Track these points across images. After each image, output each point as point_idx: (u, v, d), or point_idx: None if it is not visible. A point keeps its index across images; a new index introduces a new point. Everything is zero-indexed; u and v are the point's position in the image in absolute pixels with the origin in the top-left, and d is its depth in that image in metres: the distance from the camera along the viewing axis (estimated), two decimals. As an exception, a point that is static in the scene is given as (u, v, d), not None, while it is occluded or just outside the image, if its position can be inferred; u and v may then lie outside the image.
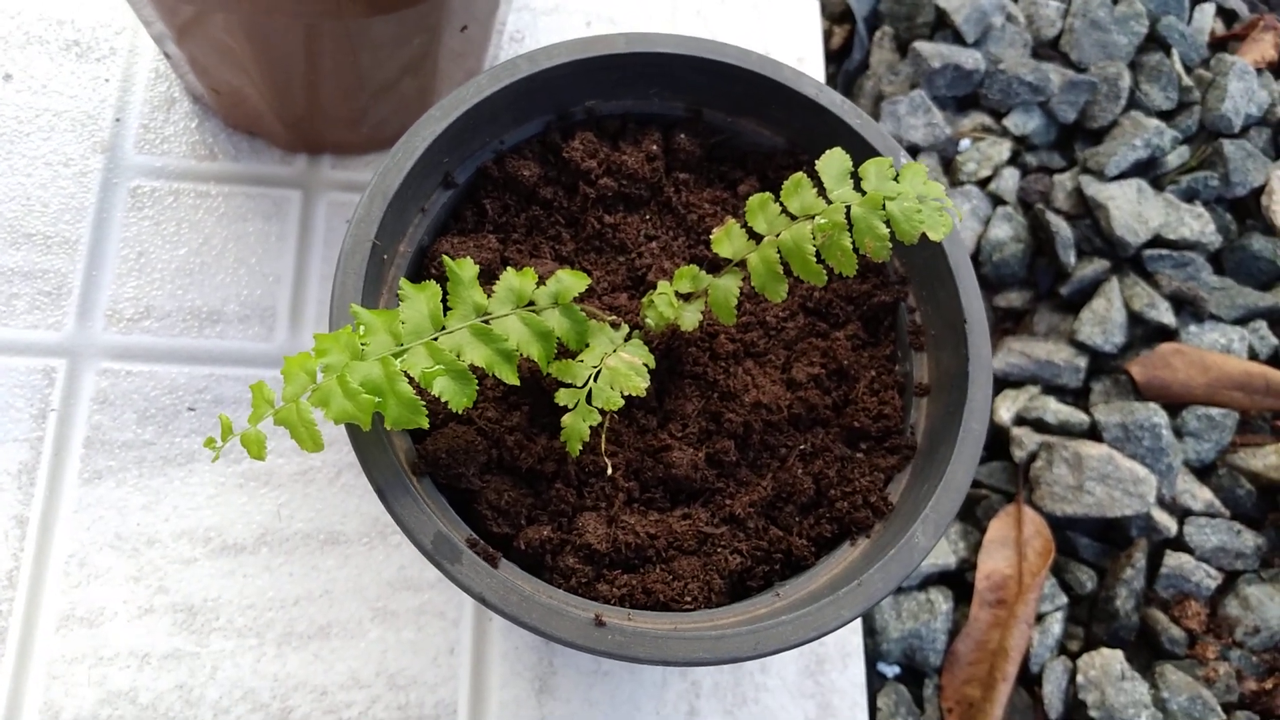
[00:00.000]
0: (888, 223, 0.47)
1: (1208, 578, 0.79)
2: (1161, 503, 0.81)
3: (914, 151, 0.90)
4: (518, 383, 0.47)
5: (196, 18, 0.63)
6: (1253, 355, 0.88)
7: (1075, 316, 0.86)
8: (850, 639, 0.73)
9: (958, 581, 0.80)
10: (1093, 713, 0.75)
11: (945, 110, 0.92)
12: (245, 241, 0.74)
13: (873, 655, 0.78)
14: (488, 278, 0.54)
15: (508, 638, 0.69)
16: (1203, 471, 0.85)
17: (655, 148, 0.59)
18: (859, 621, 0.73)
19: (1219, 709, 0.76)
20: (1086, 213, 0.88)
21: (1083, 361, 0.85)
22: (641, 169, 0.58)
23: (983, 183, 0.91)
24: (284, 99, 0.70)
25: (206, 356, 0.72)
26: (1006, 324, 0.90)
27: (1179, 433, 0.84)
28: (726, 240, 0.51)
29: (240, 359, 0.72)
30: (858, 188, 0.48)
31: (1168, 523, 0.80)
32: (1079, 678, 0.76)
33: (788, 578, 0.54)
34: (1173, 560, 0.79)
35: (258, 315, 0.73)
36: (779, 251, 0.49)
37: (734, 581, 0.53)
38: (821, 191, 0.48)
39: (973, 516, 0.82)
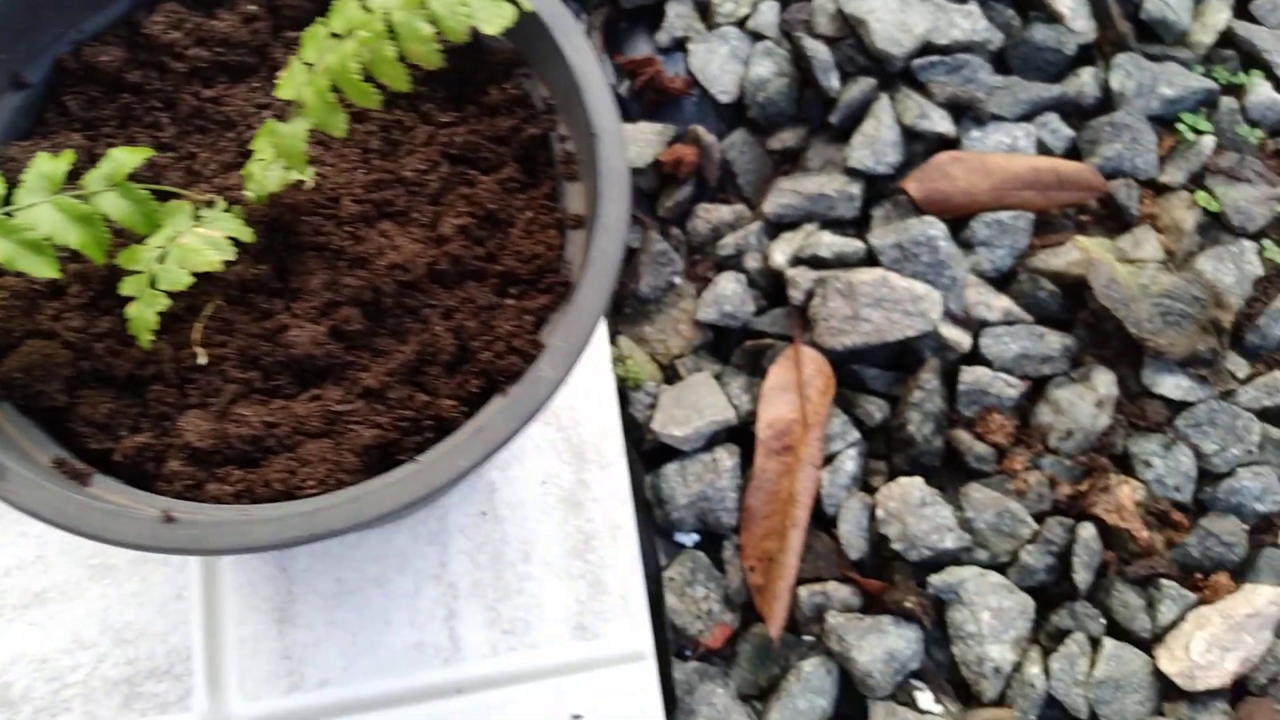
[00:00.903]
0: (433, 23, 0.41)
1: (1008, 387, 0.75)
2: (952, 319, 0.77)
3: (661, 0, 0.84)
4: (56, 274, 0.42)
5: None
6: (1045, 151, 0.82)
7: (848, 144, 0.80)
8: (620, 512, 0.68)
9: (744, 437, 0.75)
10: (895, 545, 0.71)
11: (685, -54, 0.85)
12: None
13: (665, 526, 0.74)
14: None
15: (240, 572, 0.64)
16: (1003, 280, 0.80)
17: (254, 8, 0.53)
18: (627, 493, 0.69)
19: (1029, 519, 0.72)
20: (849, 32, 0.82)
21: (857, 189, 0.79)
22: (238, 33, 0.53)
23: (741, 22, 0.85)
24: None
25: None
26: (785, 166, 0.84)
27: (968, 244, 0.79)
28: (289, 82, 0.45)
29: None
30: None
31: (960, 338, 0.76)
32: (878, 512, 0.72)
33: (440, 443, 0.49)
34: (969, 375, 0.75)
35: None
36: (330, 80, 0.43)
37: (377, 457, 0.48)
38: (365, 5, 0.42)
39: (759, 368, 0.77)
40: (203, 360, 0.47)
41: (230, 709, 0.61)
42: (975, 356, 0.76)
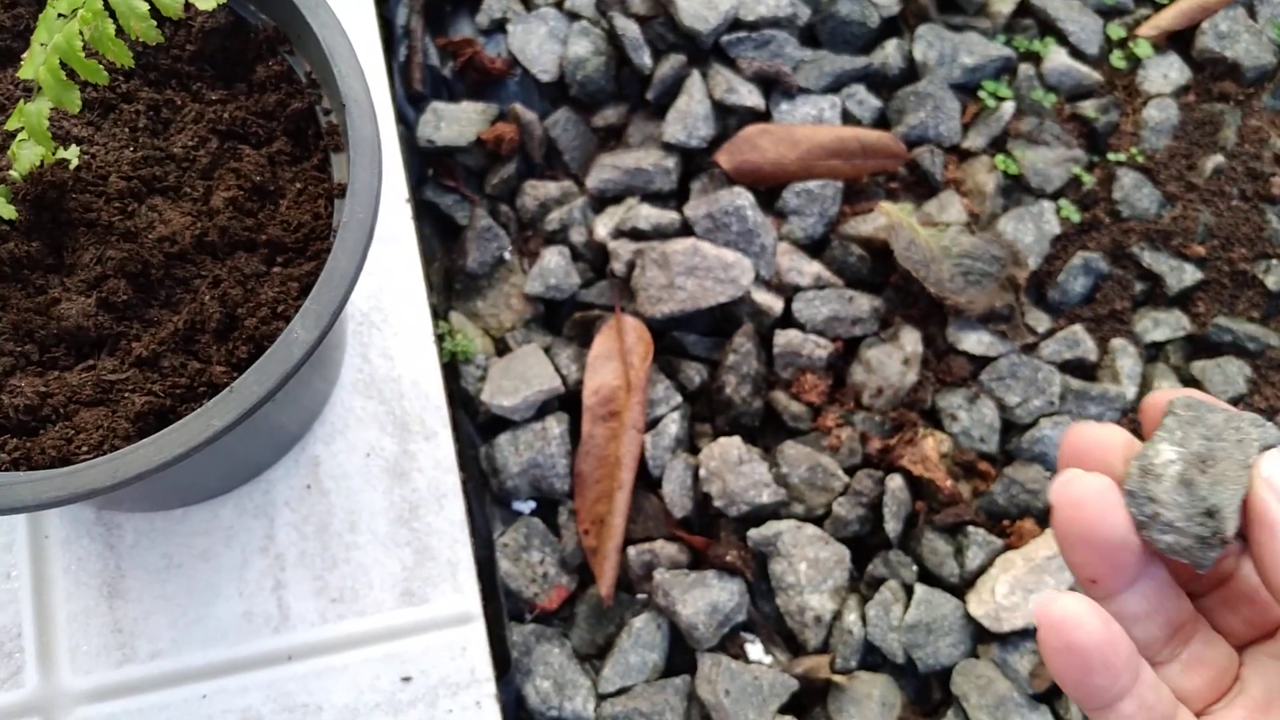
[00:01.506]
0: (150, 1, 0.43)
1: (819, 349, 0.78)
2: (766, 285, 0.80)
3: (475, -17, 0.87)
4: None
5: None
6: (854, 120, 0.86)
7: (665, 120, 0.84)
8: (444, 479, 0.71)
9: (574, 405, 0.78)
10: (718, 502, 0.74)
11: (501, -65, 0.89)
12: None
13: (502, 495, 0.76)
14: None
15: (69, 550, 0.66)
16: (816, 247, 0.84)
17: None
18: (452, 462, 0.71)
19: (841, 472, 0.76)
20: (660, 11, 0.86)
21: (672, 162, 0.82)
22: None
23: (559, 3, 0.88)
24: None
25: None
26: (610, 143, 0.87)
27: (781, 213, 0.83)
28: (30, 63, 0.47)
29: None
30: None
31: (772, 303, 0.79)
32: (701, 471, 0.75)
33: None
34: (782, 338, 0.78)
35: None
36: (60, 58, 0.45)
37: (152, 423, 0.50)
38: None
39: (586, 338, 0.80)
40: (-33, 334, 0.48)
41: (62, 683, 0.62)
42: (789, 321, 0.80)
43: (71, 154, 0.51)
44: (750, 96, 0.83)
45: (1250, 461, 0.32)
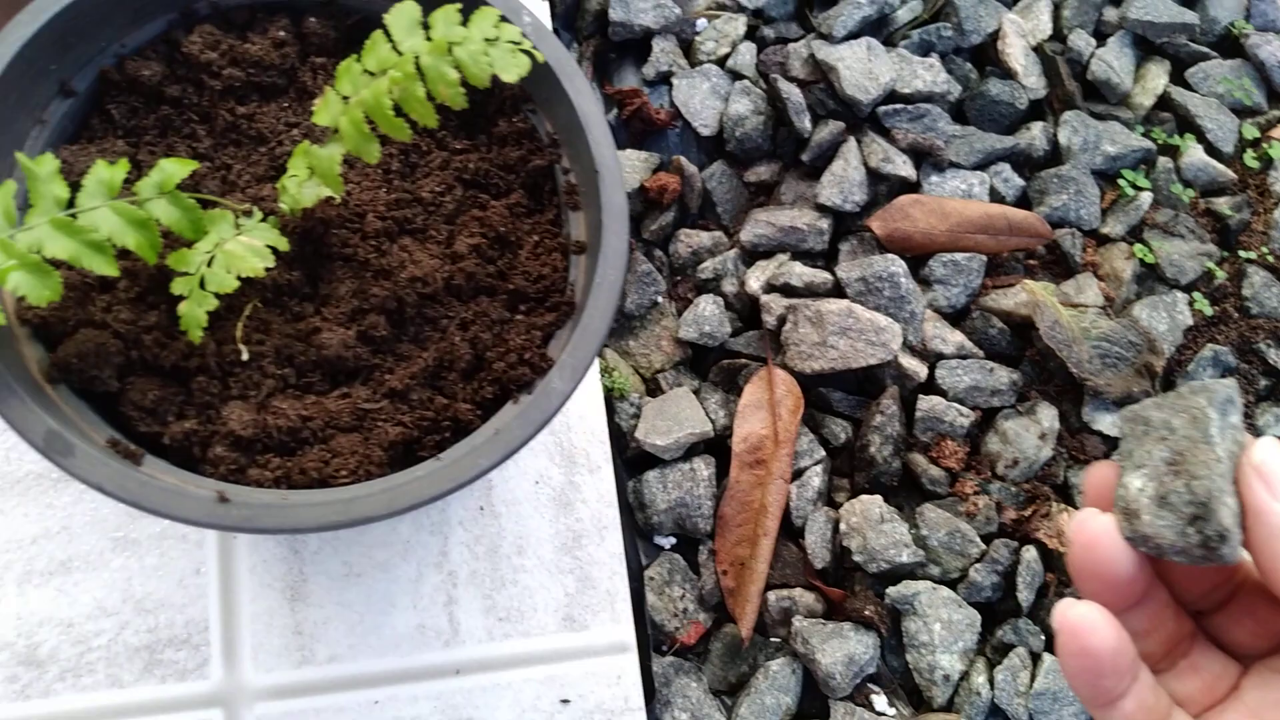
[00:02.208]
0: (458, 68, 0.47)
1: (960, 416, 0.82)
2: (911, 350, 0.84)
3: (648, 35, 0.90)
4: (115, 273, 0.47)
5: None
6: (998, 198, 0.90)
7: (819, 181, 0.87)
8: (606, 513, 0.74)
9: (721, 449, 0.81)
10: (856, 557, 0.77)
11: (678, -8, 0.93)
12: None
13: (646, 529, 0.80)
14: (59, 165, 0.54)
15: (255, 552, 0.69)
16: (957, 316, 0.87)
17: (284, 34, 0.59)
18: (614, 496, 0.75)
19: (978, 539, 0.79)
20: (820, 77, 0.89)
21: (826, 224, 0.86)
22: (269, 56, 0.58)
23: (721, 61, 0.91)
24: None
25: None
26: (760, 198, 0.91)
27: (926, 281, 0.86)
28: (325, 109, 0.51)
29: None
30: (428, 37, 0.48)
31: (918, 368, 0.82)
32: (842, 526, 0.78)
33: (458, 444, 0.54)
34: (925, 403, 0.82)
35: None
36: (365, 112, 0.49)
37: (401, 453, 0.53)
38: (395, 46, 0.48)
39: (734, 386, 0.83)
40: (245, 356, 0.52)
41: (244, 679, 0.66)
42: (931, 386, 0.83)
43: (340, 193, 0.55)
44: (904, 167, 0.87)
45: (1212, 434, 0.33)
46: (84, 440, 0.48)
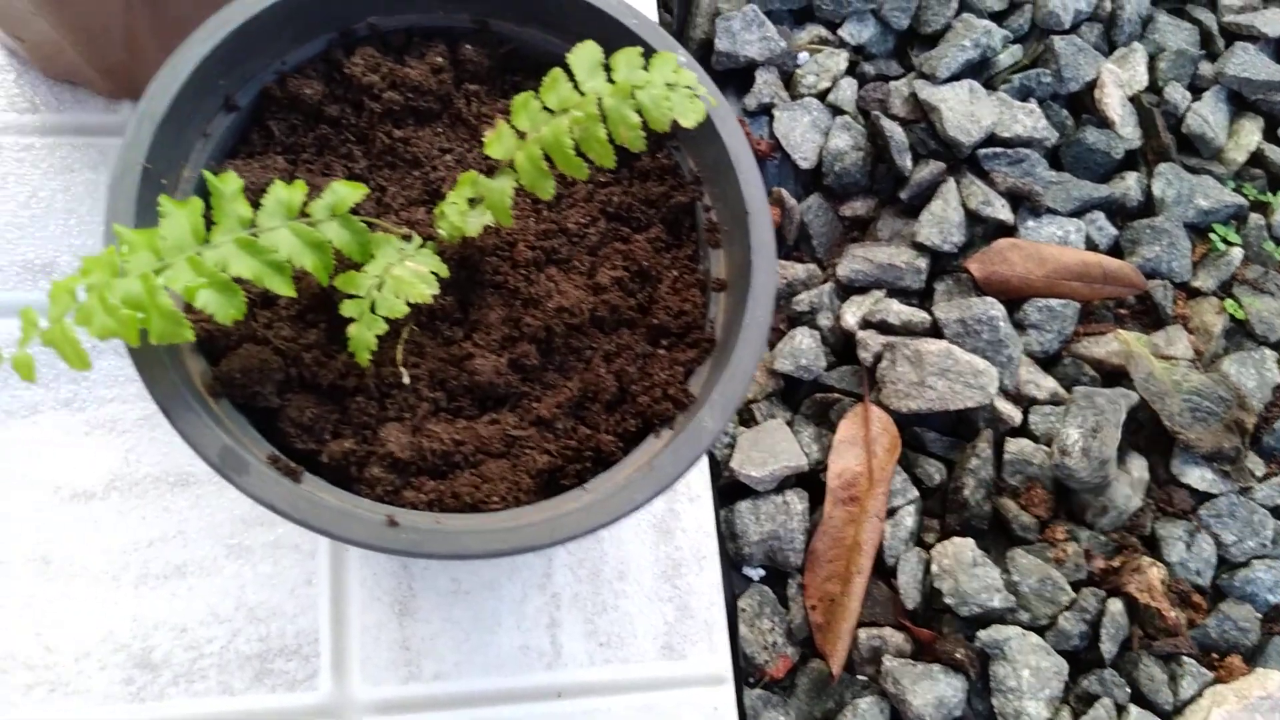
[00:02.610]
0: (639, 112, 0.48)
1: (1050, 462, 0.82)
2: (1005, 394, 0.84)
3: (752, 67, 0.91)
4: (293, 293, 0.48)
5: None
6: (1091, 246, 0.91)
7: (916, 220, 0.88)
8: (705, 543, 0.75)
9: (813, 483, 0.82)
10: (948, 599, 0.78)
11: (781, 24, 0.93)
12: (74, 192, 0.74)
13: (736, 559, 0.80)
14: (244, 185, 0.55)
15: (365, 565, 0.70)
16: (1047, 362, 0.88)
17: (441, 60, 0.60)
18: (712, 526, 0.75)
19: (1068, 587, 0.79)
20: (922, 116, 0.90)
21: (923, 263, 0.87)
22: (427, 81, 0.59)
23: (822, 95, 0.92)
24: (92, 46, 0.69)
25: (42, 309, 0.71)
26: (854, 233, 0.92)
27: (1021, 325, 0.87)
28: (497, 142, 0.52)
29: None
30: (609, 79, 0.49)
31: (1012, 412, 0.83)
32: (933, 567, 0.79)
33: (599, 473, 0.55)
34: (1014, 447, 0.82)
35: (90, 268, 0.73)
36: (542, 148, 0.50)
37: (545, 481, 0.54)
38: (576, 85, 0.49)
39: (826, 420, 0.84)
40: (406, 380, 0.53)
41: (353, 692, 0.67)
42: (1024, 430, 0.84)
43: (509, 223, 0.56)
44: (1002, 210, 0.88)
45: None
46: (251, 457, 0.49)
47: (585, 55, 0.49)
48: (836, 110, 0.92)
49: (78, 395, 0.70)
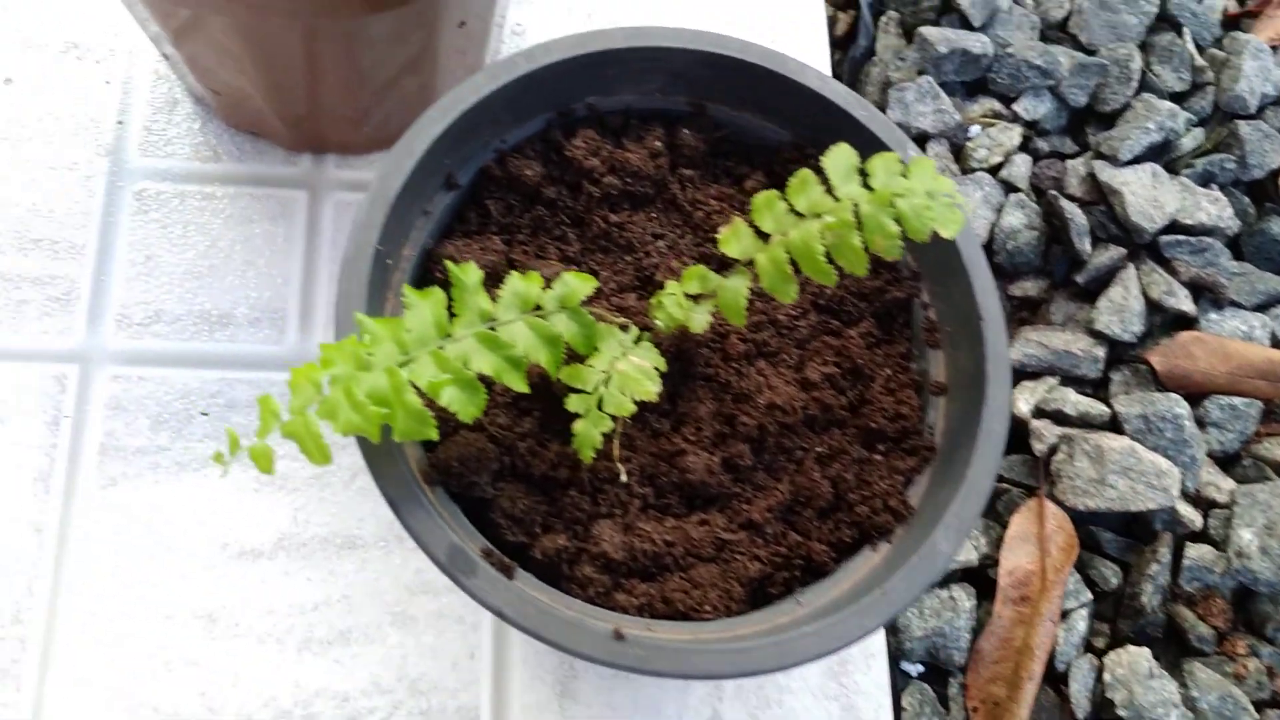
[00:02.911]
0: (898, 220, 0.46)
1: (1231, 568, 0.78)
2: (1185, 495, 0.80)
3: (923, 139, 0.89)
4: (528, 390, 0.47)
5: (192, 20, 0.62)
6: (1275, 343, 0.86)
7: (1092, 305, 0.85)
8: (874, 640, 0.72)
9: (980, 578, 0.79)
10: (1121, 712, 0.74)
11: (954, 96, 0.91)
12: (253, 243, 0.74)
13: (895, 654, 0.77)
14: (493, 280, 0.53)
15: (528, 642, 0.68)
16: (1226, 462, 0.83)
17: (659, 144, 0.58)
18: (878, 619, 0.72)
19: (1251, 708, 0.75)
20: (1100, 199, 0.87)
21: (1101, 351, 0.83)
22: (646, 166, 0.57)
23: (994, 169, 0.89)
24: (284, 99, 0.69)
25: (218, 360, 0.71)
26: (1022, 313, 0.88)
27: (1201, 423, 0.83)
28: (734, 240, 0.50)
29: (252, 362, 0.71)
30: (865, 184, 0.47)
31: (1193, 516, 0.79)
32: (1106, 676, 0.75)
33: (808, 584, 0.53)
34: (1194, 552, 0.78)
35: (268, 317, 0.72)
36: (787, 251, 0.48)
37: (754, 589, 0.52)
38: (829, 189, 0.47)
39: (994, 511, 0.80)
40: (624, 477, 0.51)
41: (517, 776, 0.65)
42: (1203, 535, 0.79)
43: (742, 322, 0.53)
44: (1184, 301, 0.84)
45: None
46: (472, 553, 0.47)
47: (840, 158, 0.46)
48: (1009, 187, 0.88)
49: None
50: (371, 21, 0.58)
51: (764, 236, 0.49)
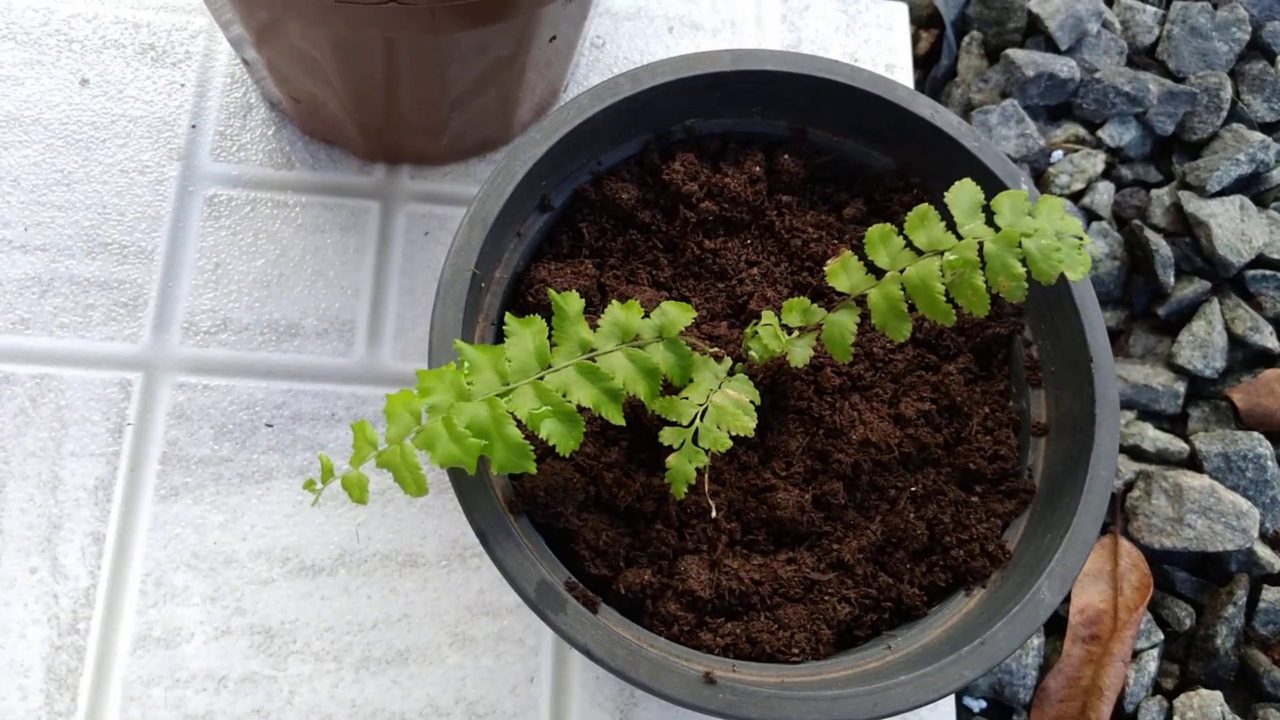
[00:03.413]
0: (1023, 261, 0.44)
1: (1312, 616, 0.76)
2: (1264, 537, 0.78)
3: (1005, 163, 0.87)
4: (623, 423, 0.45)
5: (276, 23, 0.61)
6: (1360, 382, 0.84)
7: (1173, 339, 0.82)
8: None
9: (1050, 615, 0.76)
10: (1191, 756, 0.72)
11: (1037, 120, 0.88)
12: (323, 253, 0.72)
13: (959, 690, 0.75)
14: (584, 305, 0.52)
15: (588, 667, 0.67)
16: (1306, 504, 0.81)
17: (758, 169, 0.56)
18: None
19: (1326, 757, 0.73)
20: (1185, 230, 0.84)
21: (1181, 386, 0.81)
22: (744, 191, 0.56)
23: (1075, 196, 0.87)
24: (364, 108, 0.68)
25: (284, 371, 0.70)
26: (1098, 344, 0.86)
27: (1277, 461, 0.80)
28: (843, 273, 0.48)
29: (319, 374, 0.70)
30: (989, 221, 0.45)
31: (1271, 558, 0.77)
32: (1176, 718, 0.73)
33: (896, 627, 0.51)
34: (1271, 594, 0.76)
35: (336, 329, 0.71)
36: (903, 288, 0.46)
37: (841, 630, 0.50)
38: (950, 225, 0.45)
39: (1064, 546, 0.78)
40: (714, 514, 0.49)
41: (578, 807, 0.63)
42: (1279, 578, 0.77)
43: (847, 359, 0.52)
44: (1270, 338, 0.82)
45: None
46: (547, 582, 0.45)
47: (965, 194, 0.45)
48: (1091, 215, 0.86)
49: (312, 464, 0.68)
50: (464, 36, 0.56)
51: (876, 271, 0.47)
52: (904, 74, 0.84)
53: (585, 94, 0.51)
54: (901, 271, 0.46)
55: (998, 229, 0.44)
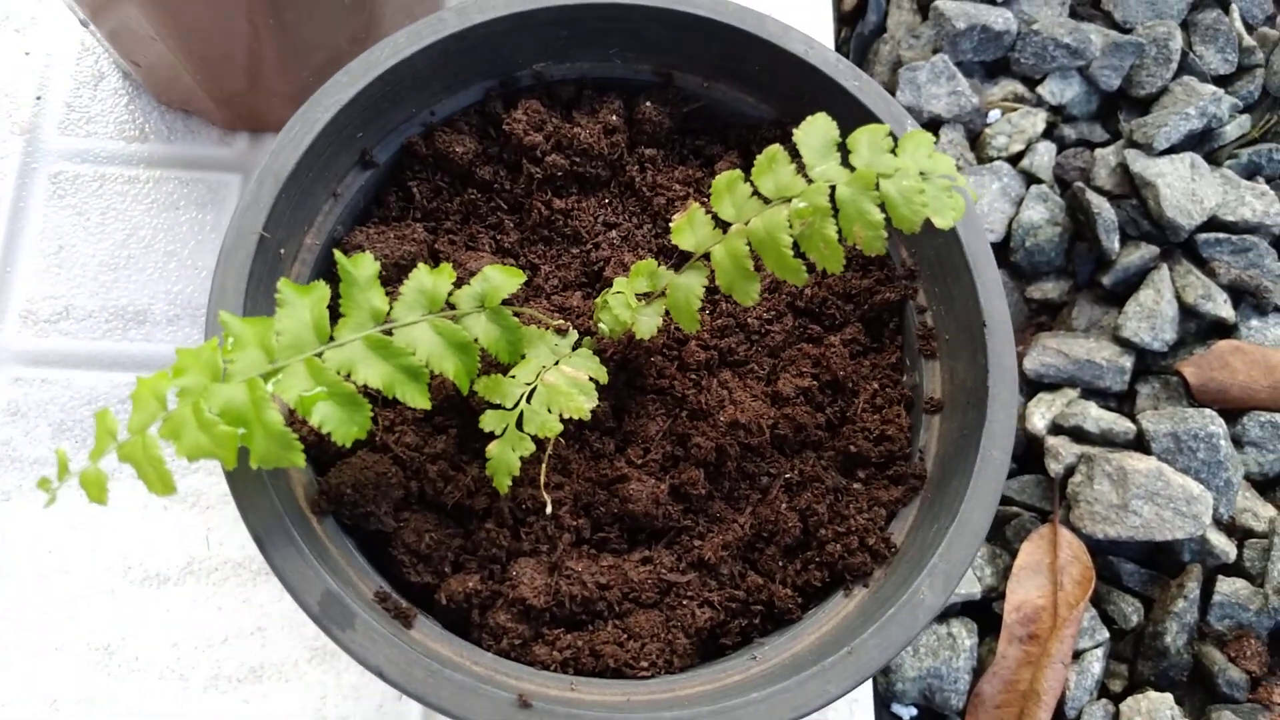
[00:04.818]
0: (882, 206, 0.37)
1: (1266, 610, 0.69)
2: (1218, 523, 0.71)
3: (936, 125, 0.80)
4: (428, 406, 0.39)
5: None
6: (1324, 353, 0.77)
7: (1119, 310, 0.76)
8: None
9: (983, 612, 0.70)
10: (1138, 764, 0.65)
11: (972, 78, 0.82)
12: (176, 231, 0.66)
13: (885, 695, 0.69)
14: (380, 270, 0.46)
15: (464, 681, 0.61)
16: (1266, 486, 0.74)
17: (615, 118, 0.50)
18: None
19: (1286, 762, 0.66)
20: (1132, 192, 0.78)
21: (1128, 361, 0.74)
22: (598, 143, 0.49)
23: (1014, 159, 0.81)
24: (212, 73, 0.61)
25: (131, 362, 0.64)
26: (1041, 318, 0.80)
27: (1238, 442, 0.74)
28: (689, 229, 0.42)
29: (167, 364, 0.63)
30: (846, 163, 0.38)
31: (1226, 546, 0.70)
32: (1122, 724, 0.67)
33: (769, 632, 0.45)
34: (1227, 587, 0.69)
35: (188, 315, 0.65)
36: (749, 243, 0.40)
37: (703, 638, 0.44)
38: (802, 168, 0.39)
39: (1002, 538, 0.72)
40: (549, 509, 0.43)
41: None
42: (1238, 568, 0.71)
43: (695, 328, 0.46)
44: (1223, 307, 0.75)
45: None
46: (351, 593, 0.39)
47: (816, 131, 0.38)
48: (1031, 178, 0.80)
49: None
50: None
51: (724, 226, 0.41)
52: (823, 28, 0.78)
53: (403, 32, 0.45)
54: (747, 224, 0.39)
55: (854, 171, 0.38)
